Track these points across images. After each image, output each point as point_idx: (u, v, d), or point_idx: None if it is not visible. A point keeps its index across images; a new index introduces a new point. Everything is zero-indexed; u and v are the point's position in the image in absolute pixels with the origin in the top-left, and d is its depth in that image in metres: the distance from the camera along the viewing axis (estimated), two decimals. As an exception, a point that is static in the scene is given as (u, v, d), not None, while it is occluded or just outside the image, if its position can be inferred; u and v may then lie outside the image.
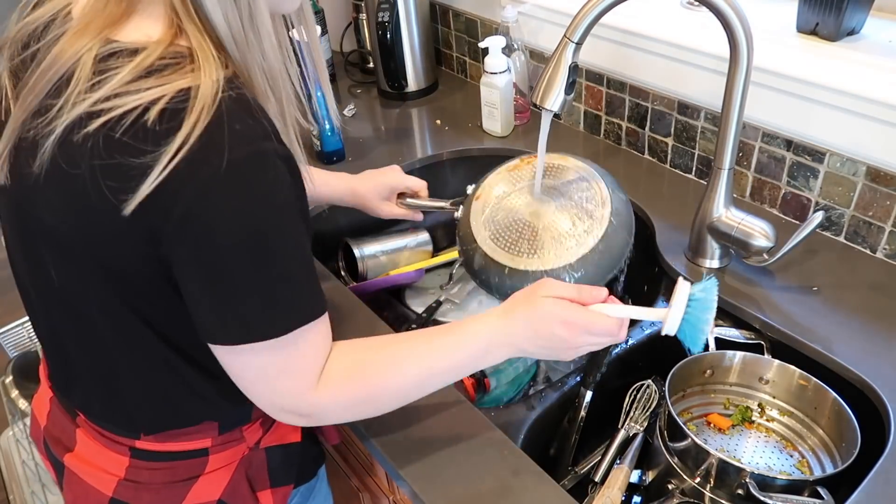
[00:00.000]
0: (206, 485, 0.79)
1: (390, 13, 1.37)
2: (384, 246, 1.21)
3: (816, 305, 0.89)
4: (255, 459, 0.83)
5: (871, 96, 0.87)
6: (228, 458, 0.80)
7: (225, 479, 0.80)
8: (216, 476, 0.80)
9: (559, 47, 0.85)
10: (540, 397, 0.86)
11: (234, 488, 0.81)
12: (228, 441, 0.79)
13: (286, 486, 0.86)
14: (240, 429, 0.80)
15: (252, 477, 0.83)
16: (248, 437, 0.81)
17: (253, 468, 0.83)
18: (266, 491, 0.84)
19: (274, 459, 0.84)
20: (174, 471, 0.78)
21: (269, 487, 0.84)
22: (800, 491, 0.71)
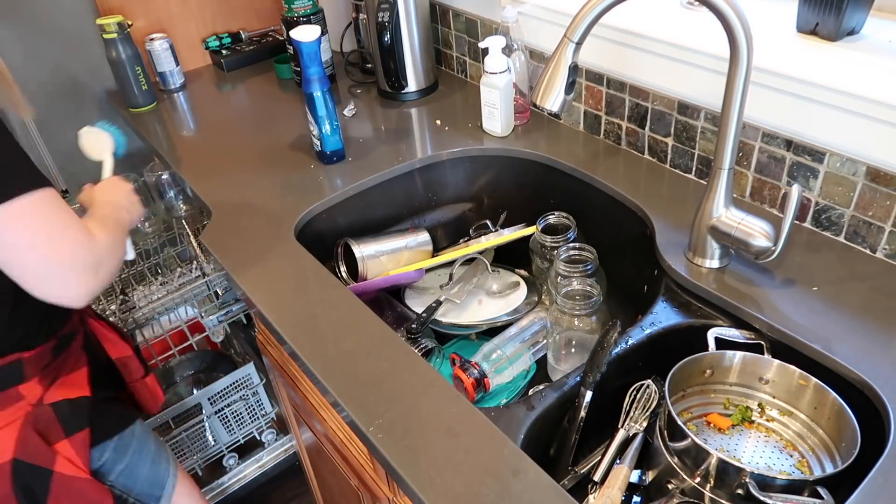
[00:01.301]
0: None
1: (390, 13, 1.37)
2: (384, 246, 1.22)
3: (816, 305, 0.89)
4: (43, 415, 0.87)
5: (871, 96, 0.87)
6: (10, 417, 0.84)
7: (12, 437, 0.84)
8: (1, 436, 0.83)
9: (559, 47, 0.85)
10: (540, 397, 0.86)
11: (25, 445, 0.84)
12: (4, 400, 0.83)
13: (81, 432, 0.90)
14: (14, 388, 0.83)
15: (43, 431, 0.86)
16: (27, 395, 0.85)
17: (42, 423, 0.86)
18: (63, 441, 0.88)
19: (62, 411, 0.89)
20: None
21: (65, 437, 0.89)
22: (800, 491, 0.71)
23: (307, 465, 1.51)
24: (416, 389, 0.82)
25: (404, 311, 1.19)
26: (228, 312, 1.45)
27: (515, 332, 1.06)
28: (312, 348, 0.90)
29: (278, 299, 0.98)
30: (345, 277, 1.23)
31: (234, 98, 1.65)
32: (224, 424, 1.65)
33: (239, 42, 1.84)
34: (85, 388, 0.94)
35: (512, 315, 1.16)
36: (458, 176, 1.34)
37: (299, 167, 1.30)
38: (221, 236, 1.12)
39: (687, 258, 0.99)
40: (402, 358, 0.87)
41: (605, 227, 1.19)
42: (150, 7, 1.70)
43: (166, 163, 1.39)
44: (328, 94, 1.23)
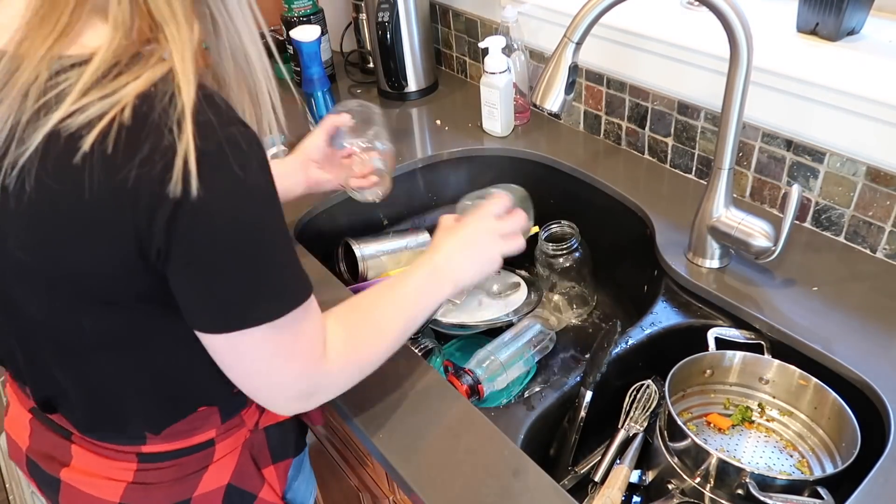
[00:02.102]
0: (214, 473, 0.80)
1: (390, 13, 1.37)
2: (385, 246, 1.21)
3: (816, 305, 0.89)
4: (256, 440, 0.85)
5: (871, 96, 0.87)
6: (233, 444, 0.81)
7: (232, 464, 0.82)
8: (223, 463, 0.81)
9: (559, 47, 0.85)
10: (540, 397, 0.86)
11: (241, 471, 0.82)
12: (231, 427, 0.80)
13: (286, 460, 0.89)
14: (240, 414, 0.81)
15: (256, 457, 0.85)
16: (247, 421, 0.83)
17: (255, 448, 0.85)
18: (270, 467, 0.87)
19: (272, 437, 0.86)
20: (184, 466, 0.78)
21: (272, 464, 0.87)
22: (800, 491, 0.71)
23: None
24: (416, 389, 0.82)
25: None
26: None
27: (510, 338, 1.06)
28: (312, 348, 0.89)
29: (278, 299, 0.98)
30: (345, 277, 1.23)
31: (234, 98, 1.65)
32: (224, 424, 1.64)
33: (239, 42, 1.84)
34: None
35: (512, 316, 1.16)
36: (458, 176, 1.34)
37: (299, 167, 1.29)
38: (221, 236, 1.12)
39: (687, 258, 0.99)
40: (402, 358, 0.87)
41: (605, 227, 1.19)
42: (150, 7, 1.69)
43: (166, 163, 1.39)
44: (328, 94, 1.23)
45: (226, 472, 0.82)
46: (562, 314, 1.20)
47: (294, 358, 0.65)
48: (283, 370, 0.65)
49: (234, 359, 0.64)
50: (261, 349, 0.62)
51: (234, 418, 0.80)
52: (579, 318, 1.20)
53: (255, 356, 0.63)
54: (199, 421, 0.77)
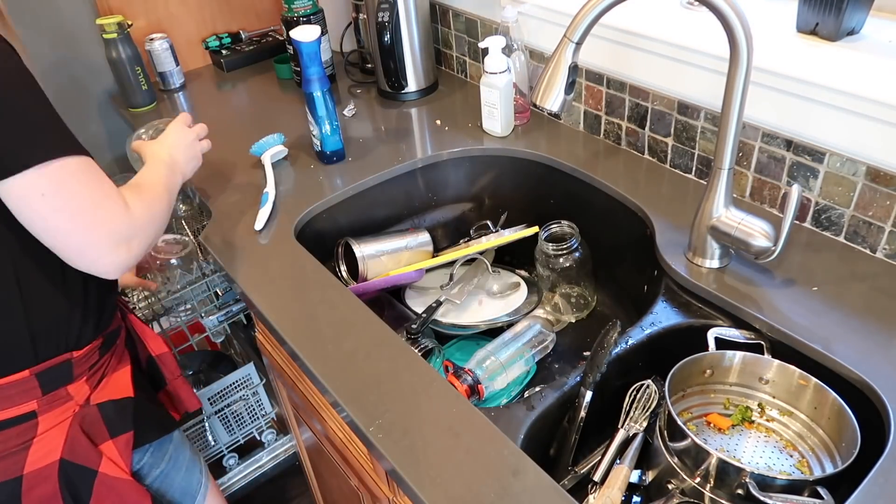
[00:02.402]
0: (43, 446, 0.82)
1: (390, 13, 1.37)
2: (385, 246, 1.22)
3: (816, 305, 0.89)
4: (89, 415, 0.87)
5: (871, 96, 0.87)
6: (59, 417, 0.83)
7: (61, 438, 0.83)
8: (50, 436, 0.83)
9: (559, 47, 0.85)
10: (540, 397, 0.86)
11: (72, 445, 0.84)
12: (55, 400, 0.82)
13: (125, 434, 0.90)
14: (64, 387, 0.83)
15: (89, 431, 0.86)
16: (75, 395, 0.85)
17: (87, 423, 0.86)
18: (107, 442, 0.88)
19: (107, 412, 0.89)
20: (6, 439, 0.80)
21: (109, 438, 0.89)
22: (800, 491, 0.71)
23: (307, 465, 1.51)
24: (416, 389, 0.82)
25: (404, 311, 1.19)
26: (228, 313, 1.45)
27: (510, 338, 1.06)
28: (312, 348, 0.90)
29: (278, 299, 0.98)
30: (345, 277, 1.23)
31: (234, 98, 1.65)
32: (224, 424, 1.65)
33: (239, 42, 1.84)
34: (129, 389, 0.93)
35: (512, 316, 1.16)
36: (458, 176, 1.34)
37: (299, 167, 1.30)
38: (221, 236, 1.12)
39: (687, 258, 0.99)
40: (402, 358, 0.87)
41: (606, 227, 1.19)
42: (150, 7, 1.70)
43: (166, 163, 1.39)
44: (328, 94, 1.23)
45: (55, 447, 0.83)
46: (562, 314, 1.20)
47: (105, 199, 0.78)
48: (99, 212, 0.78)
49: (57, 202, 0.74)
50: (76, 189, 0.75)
51: (59, 391, 0.83)
52: (579, 318, 1.20)
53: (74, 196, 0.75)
54: (14, 391, 0.79)
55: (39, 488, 0.83)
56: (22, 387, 0.80)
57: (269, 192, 1.18)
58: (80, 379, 0.86)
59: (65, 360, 0.84)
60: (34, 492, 0.82)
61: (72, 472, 0.84)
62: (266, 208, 1.15)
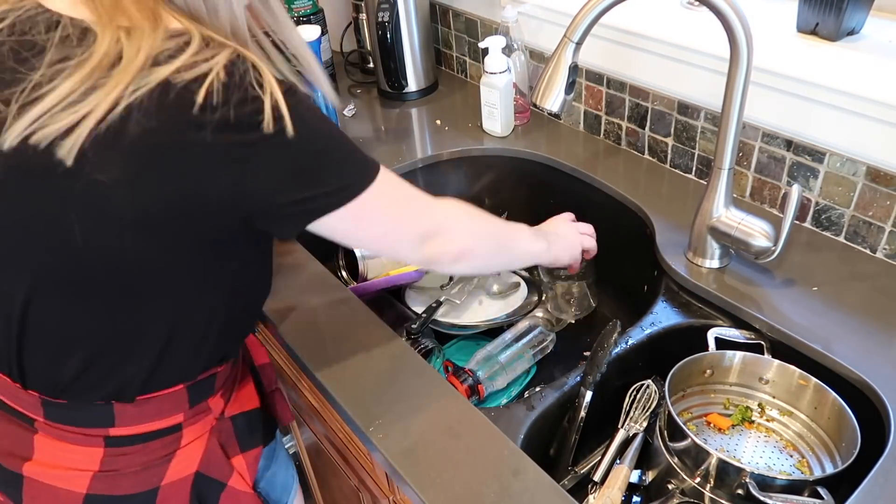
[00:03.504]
0: (182, 459, 0.82)
1: (390, 13, 1.37)
2: (384, 246, 1.21)
3: (816, 305, 0.89)
4: (224, 428, 0.87)
5: (871, 96, 0.87)
6: (200, 430, 0.83)
7: (200, 451, 0.83)
8: (191, 449, 0.83)
9: (559, 47, 0.85)
10: (540, 397, 0.86)
11: (209, 458, 0.84)
12: (198, 413, 0.82)
13: (255, 449, 0.91)
14: (206, 401, 0.83)
15: (224, 445, 0.87)
16: (213, 408, 0.85)
17: (223, 436, 0.87)
18: (238, 456, 0.89)
19: (239, 426, 0.89)
20: (151, 451, 0.80)
21: (240, 452, 0.89)
22: (800, 491, 0.71)
23: (307, 465, 1.51)
24: (416, 389, 0.82)
25: (404, 310, 1.19)
26: (228, 312, 1.44)
27: (510, 338, 1.06)
28: (312, 348, 0.90)
29: (278, 299, 0.98)
30: (345, 277, 1.23)
31: (234, 98, 1.65)
32: (224, 424, 1.64)
33: (239, 42, 1.84)
34: (255, 400, 0.93)
35: (512, 316, 1.16)
36: (458, 176, 1.34)
37: (299, 167, 1.29)
38: (221, 236, 1.12)
39: (687, 258, 0.99)
40: (402, 358, 0.87)
41: (605, 227, 1.19)
42: (150, 7, 1.69)
43: (166, 163, 1.39)
44: (328, 94, 1.23)
45: (194, 459, 0.83)
46: (562, 314, 1.20)
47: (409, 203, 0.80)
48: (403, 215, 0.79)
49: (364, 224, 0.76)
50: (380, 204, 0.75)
51: (201, 403, 0.82)
52: (579, 318, 1.20)
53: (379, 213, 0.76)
54: (167, 402, 0.78)
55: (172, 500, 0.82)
56: (175, 399, 0.79)
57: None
58: (218, 392, 0.85)
59: (211, 375, 0.83)
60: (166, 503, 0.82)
61: (203, 486, 0.84)
62: None
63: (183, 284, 0.72)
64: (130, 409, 0.77)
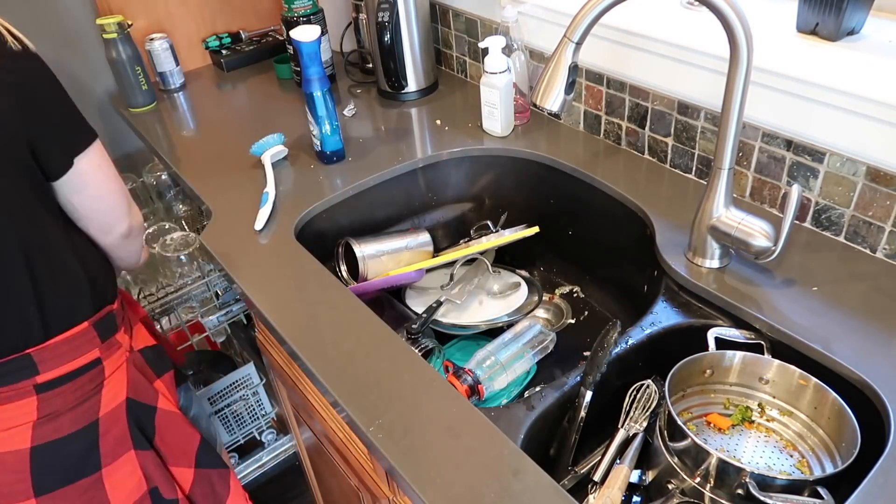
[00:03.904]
0: (111, 388, 0.92)
1: (390, 13, 1.37)
2: (385, 246, 1.22)
3: (816, 305, 0.89)
4: (136, 360, 0.98)
5: (871, 96, 0.87)
6: (117, 362, 0.93)
7: (123, 379, 0.94)
8: (115, 379, 0.93)
9: (559, 47, 0.85)
10: (540, 397, 0.86)
11: (134, 384, 0.95)
12: (111, 347, 0.93)
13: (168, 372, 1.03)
14: (114, 336, 0.94)
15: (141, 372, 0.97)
16: (122, 343, 0.95)
17: (138, 365, 0.97)
18: (157, 380, 1.00)
19: (149, 356, 1.01)
20: (80, 386, 0.89)
21: (157, 377, 1.01)
22: (800, 491, 0.71)
23: (307, 465, 1.51)
24: (416, 389, 0.82)
25: (404, 311, 1.19)
26: (228, 312, 1.45)
27: (510, 338, 1.06)
28: (312, 348, 0.90)
29: (278, 299, 0.98)
30: (345, 277, 1.23)
31: (234, 98, 1.65)
32: (224, 424, 1.65)
33: (239, 42, 1.84)
34: (150, 339, 1.05)
35: (512, 316, 1.16)
36: (458, 176, 1.34)
37: (299, 167, 1.30)
38: (221, 236, 1.12)
39: (687, 258, 0.99)
40: (402, 358, 0.87)
41: (606, 227, 1.19)
42: (150, 7, 1.70)
43: (166, 163, 1.39)
44: (328, 94, 1.23)
45: (121, 387, 0.93)
46: (562, 314, 1.20)
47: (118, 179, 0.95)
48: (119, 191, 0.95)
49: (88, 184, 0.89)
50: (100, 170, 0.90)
51: (111, 338, 0.93)
52: (579, 318, 1.20)
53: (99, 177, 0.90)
54: (79, 341, 0.88)
55: (113, 430, 0.91)
56: (85, 337, 0.89)
57: (269, 192, 1.18)
58: (120, 329, 0.96)
59: (109, 312, 0.94)
60: (109, 434, 0.91)
61: (137, 411, 0.94)
62: (266, 208, 1.15)
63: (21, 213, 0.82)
64: (47, 354, 0.85)
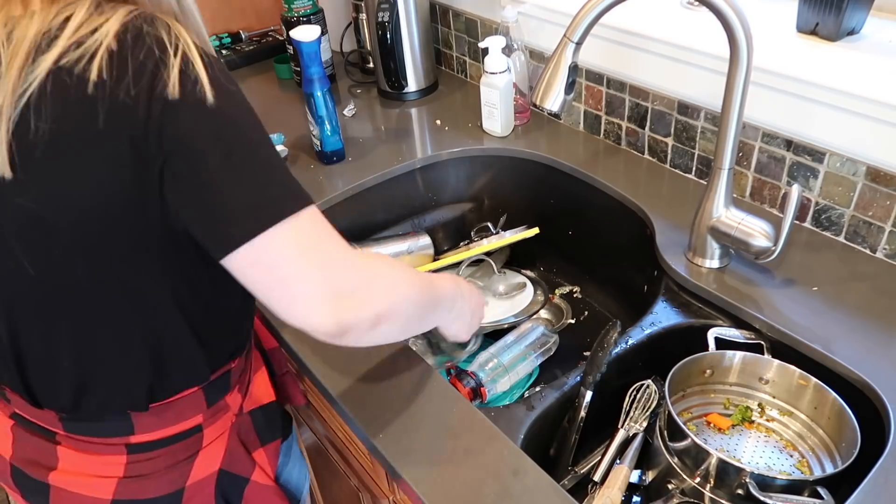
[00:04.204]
0: (205, 458, 0.81)
1: (390, 13, 1.37)
2: (386, 250, 1.21)
3: (816, 305, 0.89)
4: (243, 424, 0.86)
5: (871, 96, 0.87)
6: (220, 429, 0.83)
7: (221, 449, 0.83)
8: (213, 448, 0.82)
9: (559, 47, 0.85)
10: (540, 397, 0.86)
11: (231, 455, 0.84)
12: (217, 412, 0.82)
13: (274, 442, 0.90)
14: (223, 398, 0.82)
15: (244, 441, 0.86)
16: (232, 405, 0.84)
17: (242, 433, 0.86)
18: (259, 450, 0.88)
19: (258, 420, 0.88)
20: (174, 454, 0.79)
21: (261, 446, 0.88)
22: (800, 491, 0.71)
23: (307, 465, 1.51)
24: (416, 389, 0.82)
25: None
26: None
27: (513, 340, 1.05)
28: (312, 348, 0.90)
29: (278, 299, 0.98)
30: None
31: (234, 98, 1.65)
32: (224, 424, 1.64)
33: (239, 42, 1.84)
34: (270, 392, 0.91)
35: (519, 316, 1.15)
36: (458, 176, 1.34)
37: (299, 167, 1.30)
38: (221, 236, 1.12)
39: (687, 258, 0.99)
40: (402, 358, 0.87)
41: (606, 227, 1.19)
42: (150, 7, 1.69)
43: (166, 163, 1.39)
44: (328, 94, 1.23)
45: (216, 457, 0.82)
46: (562, 314, 1.20)
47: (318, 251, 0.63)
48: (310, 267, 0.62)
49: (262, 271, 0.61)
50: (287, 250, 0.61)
51: (219, 402, 0.81)
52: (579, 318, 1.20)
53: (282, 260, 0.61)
54: (184, 406, 0.77)
55: (196, 498, 0.81)
56: (192, 401, 0.78)
57: (269, 192, 1.18)
58: (234, 388, 0.83)
59: (225, 372, 0.81)
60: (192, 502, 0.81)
61: (227, 482, 0.83)
62: None
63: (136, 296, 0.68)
64: (148, 417, 0.76)
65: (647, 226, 1.08)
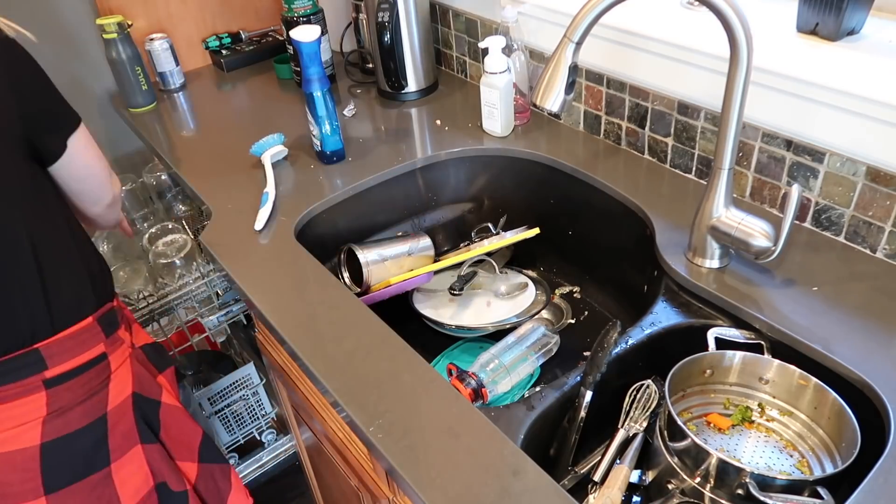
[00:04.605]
0: (117, 383, 0.93)
1: (390, 13, 1.37)
2: (387, 251, 1.21)
3: (816, 305, 0.89)
4: (139, 355, 0.99)
5: (871, 96, 0.87)
6: (121, 357, 0.95)
7: (129, 373, 0.95)
8: (121, 374, 0.94)
9: (559, 47, 0.85)
10: (540, 397, 0.86)
11: (139, 379, 0.96)
12: (114, 343, 0.94)
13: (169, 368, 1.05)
14: (116, 332, 0.95)
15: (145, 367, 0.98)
16: (124, 339, 0.96)
17: (141, 362, 0.98)
18: (159, 375, 1.02)
19: (149, 353, 1.02)
20: (88, 381, 0.89)
21: (159, 372, 1.02)
22: (800, 491, 0.71)
23: (307, 465, 1.51)
24: (416, 389, 0.82)
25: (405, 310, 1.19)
26: (228, 313, 1.45)
27: (514, 341, 1.05)
28: (312, 348, 0.90)
29: (278, 299, 0.98)
30: (348, 284, 1.22)
31: (234, 98, 1.65)
32: (224, 424, 1.65)
33: (239, 42, 1.84)
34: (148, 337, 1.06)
35: (521, 317, 1.15)
36: (458, 176, 1.34)
37: (299, 167, 1.30)
38: (221, 237, 1.12)
39: (687, 258, 0.99)
40: (402, 358, 0.87)
41: (605, 227, 1.19)
42: (150, 7, 1.70)
43: (166, 163, 1.40)
44: (328, 94, 1.23)
45: (126, 382, 0.94)
46: (562, 314, 1.20)
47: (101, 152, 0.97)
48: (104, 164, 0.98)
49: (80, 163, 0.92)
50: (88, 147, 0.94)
51: (114, 334, 0.94)
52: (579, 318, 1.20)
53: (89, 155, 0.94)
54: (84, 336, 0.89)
55: (121, 424, 0.92)
56: (90, 332, 0.90)
57: (269, 192, 1.18)
58: (121, 326, 0.97)
59: (110, 308, 0.95)
60: (117, 429, 0.92)
61: (143, 405, 0.95)
62: (266, 208, 1.15)
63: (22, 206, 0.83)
64: (55, 349, 0.86)
65: (647, 226, 1.08)
